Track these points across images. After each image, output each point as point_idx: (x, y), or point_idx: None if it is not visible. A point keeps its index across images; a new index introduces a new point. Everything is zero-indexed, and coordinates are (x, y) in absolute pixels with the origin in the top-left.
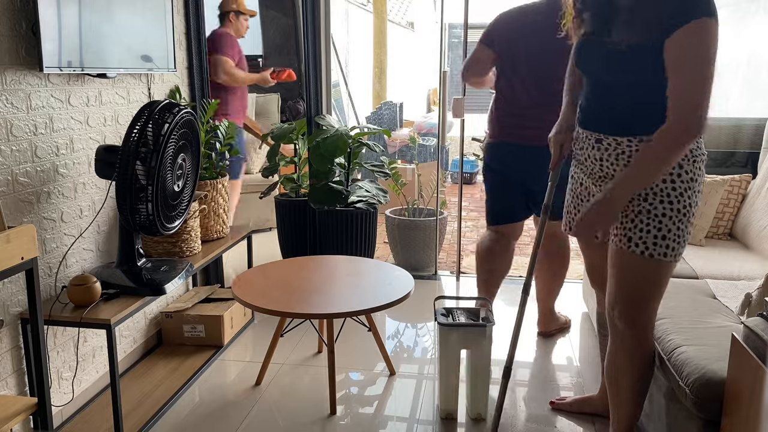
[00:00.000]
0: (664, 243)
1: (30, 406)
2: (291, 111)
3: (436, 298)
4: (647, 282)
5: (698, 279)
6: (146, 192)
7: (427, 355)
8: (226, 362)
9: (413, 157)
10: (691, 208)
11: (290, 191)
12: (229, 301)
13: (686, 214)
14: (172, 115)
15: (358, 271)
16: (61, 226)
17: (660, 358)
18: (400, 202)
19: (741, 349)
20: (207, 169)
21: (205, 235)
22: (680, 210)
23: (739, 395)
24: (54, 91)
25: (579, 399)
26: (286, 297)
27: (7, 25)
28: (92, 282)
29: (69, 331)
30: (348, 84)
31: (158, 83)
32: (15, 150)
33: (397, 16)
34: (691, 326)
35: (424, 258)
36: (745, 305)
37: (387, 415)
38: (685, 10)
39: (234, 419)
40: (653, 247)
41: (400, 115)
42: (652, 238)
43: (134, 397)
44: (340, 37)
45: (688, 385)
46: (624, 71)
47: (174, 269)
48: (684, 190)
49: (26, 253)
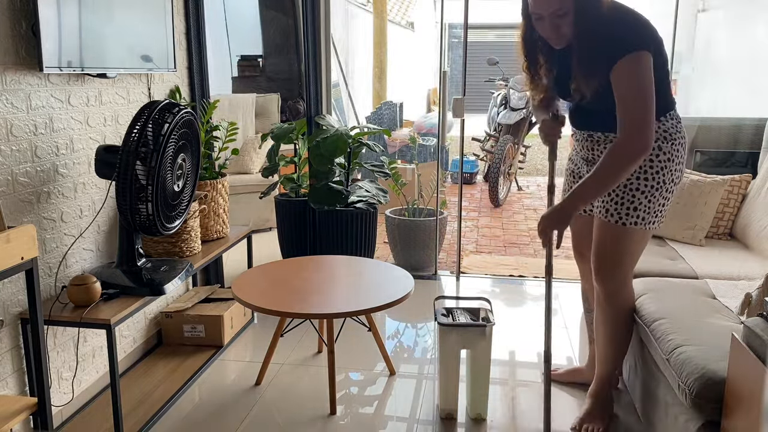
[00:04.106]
0: (635, 214)
1: (30, 406)
2: (291, 111)
3: (436, 298)
4: (622, 247)
5: (698, 279)
6: (146, 192)
7: (427, 355)
8: (226, 362)
9: (413, 157)
10: (666, 185)
11: (290, 191)
12: (229, 301)
13: (659, 189)
14: (172, 115)
15: (358, 271)
16: (61, 226)
17: (660, 358)
18: (400, 202)
19: (741, 349)
20: (207, 169)
21: (205, 235)
22: (654, 186)
23: (739, 395)
24: (54, 91)
25: (570, 370)
26: (286, 297)
27: (7, 25)
28: (92, 282)
29: (69, 331)
30: (348, 84)
31: (158, 83)
32: (15, 150)
33: (397, 16)
34: (691, 326)
35: (424, 258)
36: (745, 305)
37: (387, 415)
38: (618, 49)
39: (234, 419)
40: (626, 217)
41: (400, 115)
42: (625, 209)
43: (134, 397)
44: (340, 37)
45: (688, 385)
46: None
47: (174, 269)
48: (660, 169)
49: (26, 253)
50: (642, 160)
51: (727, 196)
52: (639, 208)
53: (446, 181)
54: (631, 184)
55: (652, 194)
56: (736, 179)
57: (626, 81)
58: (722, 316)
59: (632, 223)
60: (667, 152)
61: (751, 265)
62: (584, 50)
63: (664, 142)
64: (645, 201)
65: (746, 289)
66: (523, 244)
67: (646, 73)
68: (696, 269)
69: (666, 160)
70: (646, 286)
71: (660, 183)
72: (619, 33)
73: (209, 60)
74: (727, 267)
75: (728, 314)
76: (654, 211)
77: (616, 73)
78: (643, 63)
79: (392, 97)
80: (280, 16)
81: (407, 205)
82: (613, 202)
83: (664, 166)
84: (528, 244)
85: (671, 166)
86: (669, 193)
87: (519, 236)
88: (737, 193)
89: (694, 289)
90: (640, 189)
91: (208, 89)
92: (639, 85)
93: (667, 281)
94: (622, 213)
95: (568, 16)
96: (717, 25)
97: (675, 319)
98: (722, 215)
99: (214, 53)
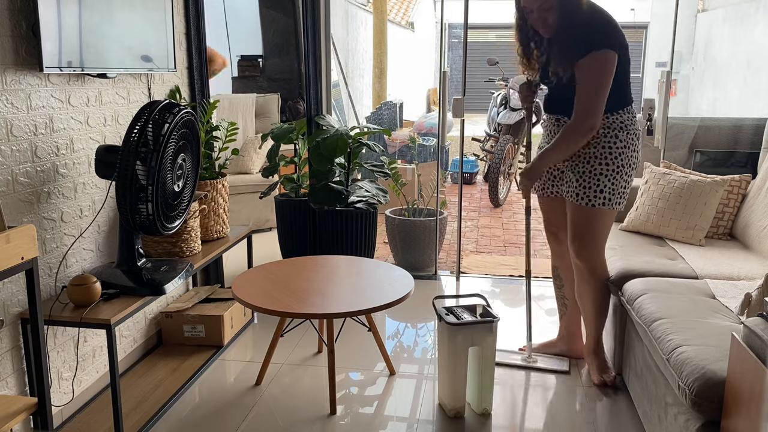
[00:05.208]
0: (602, 195)
1: (30, 406)
2: (291, 111)
3: (435, 298)
4: (594, 226)
5: (698, 279)
6: (146, 192)
7: (427, 355)
8: (226, 362)
9: (413, 157)
10: (624, 168)
11: (290, 191)
12: (229, 301)
13: (619, 173)
14: (172, 115)
15: (358, 271)
16: (61, 226)
17: (660, 358)
18: (400, 202)
19: (741, 349)
20: (207, 169)
21: (205, 235)
22: (615, 170)
23: (739, 395)
24: (54, 91)
25: (544, 343)
26: (286, 297)
27: (7, 25)
28: (92, 282)
29: (69, 331)
30: (348, 84)
31: (158, 83)
32: (15, 150)
33: (397, 16)
34: (691, 326)
35: (424, 258)
36: (745, 305)
37: (387, 415)
38: (587, 45)
39: (234, 419)
40: (594, 199)
41: (400, 115)
42: (592, 192)
43: (134, 397)
44: (340, 37)
45: (688, 385)
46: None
47: (174, 269)
48: (618, 154)
49: (26, 253)
50: (587, 138)
51: (726, 196)
52: (604, 190)
53: (446, 181)
54: (594, 169)
55: (614, 177)
56: (735, 179)
57: (587, 73)
58: (722, 316)
59: (600, 204)
60: (623, 140)
61: (751, 265)
62: (562, 41)
63: (621, 131)
64: (609, 183)
65: (746, 289)
66: (523, 244)
67: (607, 69)
68: (696, 269)
69: (623, 147)
70: (646, 286)
71: (619, 167)
72: (592, 31)
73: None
74: (727, 267)
75: (728, 314)
76: (618, 192)
77: (581, 65)
78: (606, 60)
79: (392, 97)
80: (280, 16)
81: (407, 205)
82: (581, 186)
83: (621, 152)
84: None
85: (628, 153)
86: (628, 177)
87: (519, 236)
88: (737, 193)
89: (694, 289)
90: (603, 173)
91: (208, 89)
92: (597, 79)
93: (667, 281)
94: (590, 195)
95: (553, 9)
96: (717, 25)
97: (675, 319)
98: (722, 215)
99: None
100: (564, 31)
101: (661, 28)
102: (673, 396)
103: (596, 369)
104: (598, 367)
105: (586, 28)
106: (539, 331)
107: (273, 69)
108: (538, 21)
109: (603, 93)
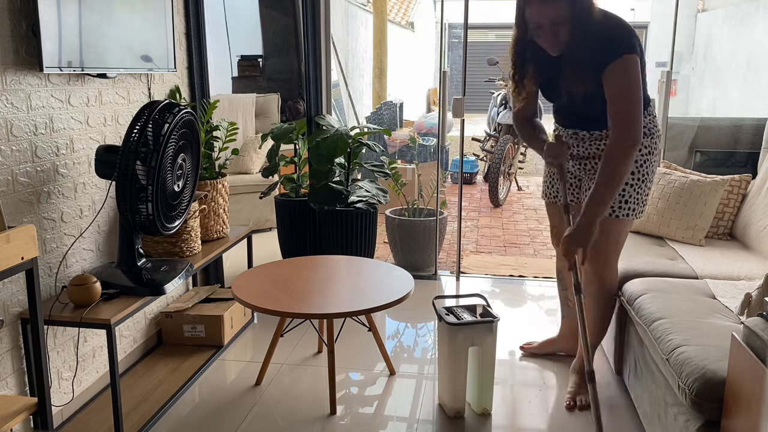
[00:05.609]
0: (626, 206)
1: (30, 406)
2: (291, 111)
3: (435, 298)
4: (613, 237)
5: (698, 279)
6: (146, 192)
7: (427, 355)
8: (226, 362)
9: (413, 157)
10: (648, 176)
11: (290, 191)
12: (229, 301)
13: (644, 181)
14: (172, 115)
15: (358, 271)
16: (61, 226)
17: (660, 358)
18: (400, 202)
19: (741, 349)
20: (207, 169)
21: (205, 235)
22: (640, 178)
23: (739, 395)
24: (54, 91)
25: (544, 342)
26: (286, 297)
27: (7, 25)
28: (92, 282)
29: (69, 331)
30: (348, 84)
31: (158, 83)
32: (15, 150)
33: (397, 16)
34: (691, 326)
35: (424, 258)
36: (745, 305)
37: (387, 415)
38: (614, 50)
39: (234, 419)
40: (618, 210)
41: (400, 115)
42: (618, 203)
43: (134, 397)
44: (340, 37)
45: (688, 385)
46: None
47: (174, 269)
48: (643, 162)
49: (26, 253)
50: (635, 152)
51: (726, 196)
52: (629, 201)
53: (446, 181)
54: None
55: (639, 186)
56: (735, 179)
57: (618, 81)
58: (722, 316)
59: (624, 215)
60: (647, 146)
61: (751, 265)
62: (578, 54)
63: (644, 137)
64: (634, 193)
65: (746, 289)
66: (523, 244)
67: (636, 73)
68: (696, 269)
69: (647, 154)
70: (646, 286)
71: (644, 175)
72: (611, 37)
73: (209, 60)
74: (727, 267)
75: (728, 314)
76: (641, 201)
77: (609, 74)
78: (635, 63)
79: (392, 97)
80: (280, 16)
81: (407, 205)
82: None
83: (646, 159)
84: (528, 244)
85: (651, 159)
86: (651, 183)
87: (519, 236)
88: (737, 193)
89: (694, 289)
90: (629, 183)
91: (208, 89)
92: (630, 85)
93: (667, 281)
94: (615, 206)
95: (566, 23)
96: (717, 25)
97: (675, 319)
98: (722, 215)
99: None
100: (576, 44)
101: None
102: (673, 396)
103: (574, 390)
104: (576, 388)
105: (603, 35)
106: (539, 331)
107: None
108: (549, 37)
109: (639, 98)
